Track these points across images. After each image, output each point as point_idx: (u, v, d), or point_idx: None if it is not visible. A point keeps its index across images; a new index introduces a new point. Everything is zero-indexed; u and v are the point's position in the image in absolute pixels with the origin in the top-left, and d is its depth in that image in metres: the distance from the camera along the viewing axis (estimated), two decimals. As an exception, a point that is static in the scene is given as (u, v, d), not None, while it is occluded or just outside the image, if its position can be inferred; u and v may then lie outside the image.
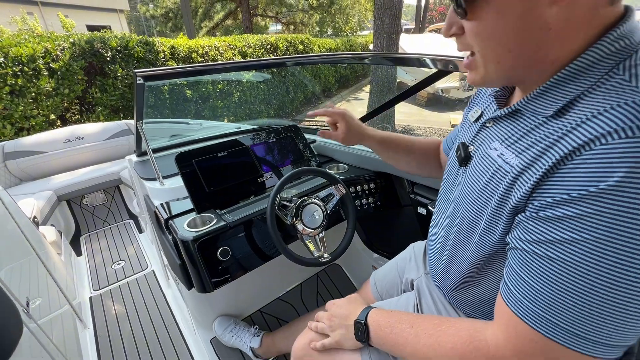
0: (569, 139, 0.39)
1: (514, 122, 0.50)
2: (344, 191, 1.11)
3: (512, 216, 0.45)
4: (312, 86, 8.49)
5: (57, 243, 1.78)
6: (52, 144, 2.57)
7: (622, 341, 0.38)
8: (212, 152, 1.21)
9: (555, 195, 0.38)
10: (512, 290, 0.44)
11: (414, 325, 0.57)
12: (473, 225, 0.54)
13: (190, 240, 0.95)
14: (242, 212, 1.09)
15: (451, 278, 0.64)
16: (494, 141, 0.52)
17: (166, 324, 1.61)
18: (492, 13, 0.42)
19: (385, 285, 0.95)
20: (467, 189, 0.55)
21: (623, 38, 0.39)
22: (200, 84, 4.81)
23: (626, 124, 0.34)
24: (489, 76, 0.47)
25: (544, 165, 0.40)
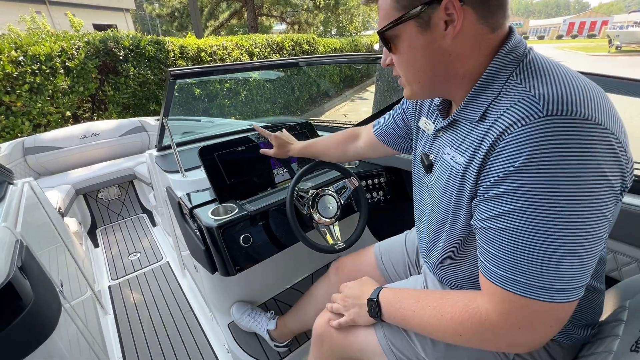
0: (490, 135, 0.49)
1: (455, 129, 0.61)
2: (357, 184, 1.18)
3: (470, 203, 0.56)
4: (325, 86, 8.56)
5: (79, 233, 1.86)
6: (69, 139, 2.66)
7: (578, 282, 0.46)
8: (232, 147, 1.28)
9: (491, 179, 0.48)
10: (485, 263, 0.52)
11: (419, 300, 0.64)
12: (444, 217, 0.64)
13: (215, 227, 1.03)
14: (261, 202, 1.17)
15: (436, 260, 0.73)
16: (446, 147, 0.62)
17: (183, 312, 1.69)
18: (405, 47, 0.54)
19: (391, 257, 1.01)
20: (435, 191, 0.66)
21: (511, 52, 0.50)
22: (208, 83, 4.89)
23: (521, 116, 0.45)
24: (415, 92, 0.60)
25: (479, 158, 0.51)
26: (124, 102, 3.80)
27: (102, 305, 1.69)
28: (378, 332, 0.76)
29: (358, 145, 1.04)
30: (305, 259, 1.64)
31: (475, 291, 0.58)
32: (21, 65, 2.85)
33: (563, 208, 0.43)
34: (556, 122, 0.42)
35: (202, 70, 1.02)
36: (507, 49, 0.50)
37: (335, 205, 1.14)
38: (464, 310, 0.55)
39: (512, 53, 0.50)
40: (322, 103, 8.50)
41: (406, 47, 0.54)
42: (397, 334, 0.74)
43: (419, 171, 0.75)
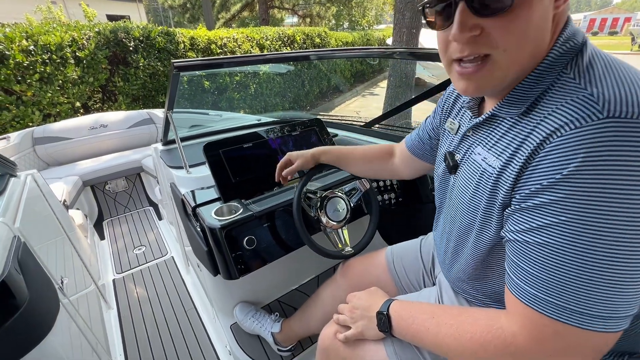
0: (535, 135, 0.43)
1: (491, 127, 0.53)
2: (368, 186, 1.12)
3: (502, 212, 0.49)
4: (336, 81, 8.45)
5: (84, 226, 1.85)
6: (78, 130, 2.66)
7: (624, 311, 0.39)
8: (238, 143, 1.23)
9: (531, 186, 0.42)
10: (515, 279, 0.46)
11: (434, 316, 0.58)
12: (470, 225, 0.57)
13: (217, 228, 0.98)
14: (266, 202, 1.12)
15: (457, 274, 0.67)
16: (477, 146, 0.56)
17: (186, 309, 1.66)
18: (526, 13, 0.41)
19: (404, 262, 0.95)
20: (461, 195, 0.59)
21: (569, 40, 0.44)
22: (218, 76, 4.86)
23: (575, 116, 0.39)
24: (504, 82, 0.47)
25: (519, 161, 0.44)
26: (134, 93, 3.79)
27: (105, 299, 1.67)
28: (388, 348, 0.70)
29: (394, 163, 0.95)
30: (311, 261, 1.58)
31: (499, 310, 0.52)
32: (32, 54, 2.84)
33: (618, 225, 0.36)
34: (618, 126, 0.36)
35: (206, 62, 0.96)
36: (565, 36, 0.44)
37: (344, 208, 1.08)
38: (486, 330, 0.49)
39: (569, 41, 0.44)
40: (333, 98, 8.40)
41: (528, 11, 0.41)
42: (409, 351, 0.69)
43: (442, 172, 0.69)
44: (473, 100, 0.60)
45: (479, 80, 0.47)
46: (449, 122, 0.68)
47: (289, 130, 1.37)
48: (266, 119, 2.06)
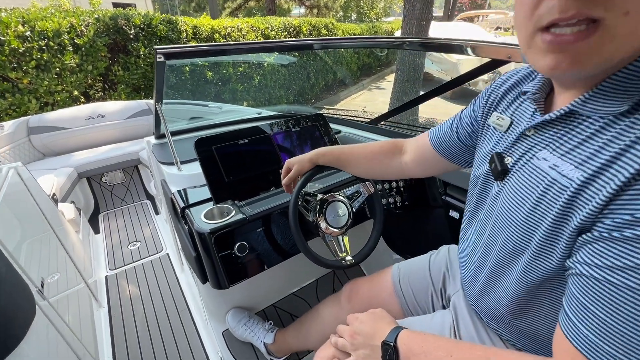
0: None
1: (566, 127, 0.42)
2: (372, 190, 1.02)
3: (575, 237, 0.39)
4: (342, 73, 8.28)
5: (76, 221, 1.78)
6: (75, 120, 2.58)
7: None
8: (232, 139, 1.14)
9: (635, 212, 0.32)
10: (576, 323, 0.37)
11: (452, 355, 0.49)
12: (521, 248, 0.47)
13: (206, 233, 0.89)
14: (261, 205, 1.03)
15: (490, 304, 0.57)
16: (541, 150, 0.44)
17: (179, 310, 1.59)
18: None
19: (411, 282, 0.86)
20: (511, 208, 0.48)
21: None
22: (221, 66, 4.74)
23: None
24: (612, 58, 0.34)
25: (615, 177, 0.34)
26: (134, 83, 3.70)
27: (96, 298, 1.61)
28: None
29: (403, 160, 0.82)
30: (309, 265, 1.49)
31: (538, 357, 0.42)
32: (28, 40, 2.76)
33: None
34: None
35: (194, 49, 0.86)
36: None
37: (345, 214, 0.98)
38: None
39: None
40: (338, 91, 8.24)
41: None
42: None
43: (482, 176, 0.58)
44: (541, 90, 0.48)
45: (580, 54, 0.34)
46: (496, 117, 0.57)
47: (289, 126, 1.28)
48: (267, 112, 1.96)
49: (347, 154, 0.89)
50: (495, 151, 0.53)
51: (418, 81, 4.61)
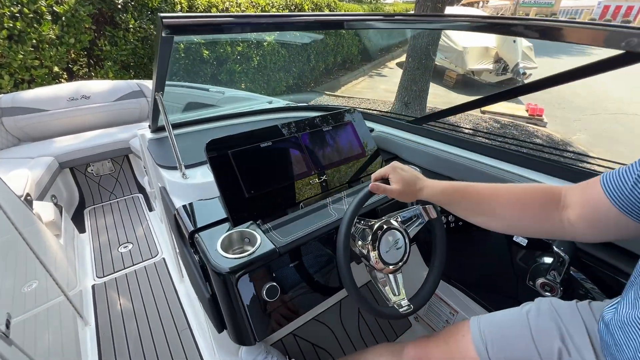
0: None
1: None
2: (435, 215, 0.81)
3: None
4: (342, 57, 7.89)
5: (56, 223, 1.53)
6: (55, 101, 2.26)
7: None
8: (253, 142, 0.90)
9: None
10: None
11: None
12: None
13: (226, 273, 0.67)
14: (293, 228, 0.81)
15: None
16: None
17: (178, 329, 1.38)
18: None
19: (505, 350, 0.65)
20: None
21: None
22: (218, 45, 4.38)
23: None
24: None
25: None
26: (123, 59, 3.33)
27: (80, 314, 1.38)
28: None
29: (566, 217, 0.55)
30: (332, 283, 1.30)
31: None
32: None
33: None
34: None
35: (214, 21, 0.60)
36: None
37: (402, 246, 0.78)
38: None
39: None
40: (339, 76, 7.90)
41: None
42: None
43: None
44: None
45: None
46: None
47: (319, 124, 1.04)
48: (279, 101, 1.71)
49: (481, 195, 0.63)
50: None
51: (429, 69, 4.35)
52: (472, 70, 7.46)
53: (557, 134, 5.15)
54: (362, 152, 1.08)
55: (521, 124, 5.49)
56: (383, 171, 0.73)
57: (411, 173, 0.71)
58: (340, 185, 0.99)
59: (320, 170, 0.97)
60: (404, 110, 4.45)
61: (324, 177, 0.97)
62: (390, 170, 0.71)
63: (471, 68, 7.40)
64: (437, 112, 1.07)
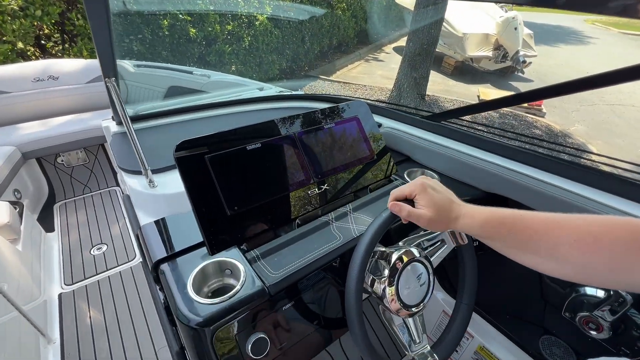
0: None
1: None
2: (465, 241, 0.65)
3: None
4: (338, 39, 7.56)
5: (12, 226, 1.33)
6: (17, 82, 2.00)
7: None
8: (237, 143, 0.71)
9: None
10: None
11: None
12: None
13: (197, 326, 0.50)
14: (287, 257, 0.64)
15: None
16: None
17: (156, 348, 1.23)
18: None
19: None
20: None
21: None
22: (206, 22, 4.06)
23: None
24: None
25: None
26: (99, 36, 3.03)
27: (42, 332, 1.21)
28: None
29: None
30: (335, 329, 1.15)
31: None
32: (-53, -31, 2.07)
33: None
34: None
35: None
36: None
37: (426, 282, 0.61)
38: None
39: None
40: (333, 59, 7.60)
41: None
42: None
43: None
44: None
45: None
46: None
47: (319, 119, 0.85)
48: (273, 87, 1.50)
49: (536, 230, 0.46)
50: None
51: (430, 55, 4.14)
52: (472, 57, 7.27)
53: (556, 125, 5.05)
54: (370, 154, 0.90)
55: (520, 114, 5.36)
56: (408, 190, 0.55)
57: (444, 195, 0.54)
58: (344, 196, 0.82)
59: (320, 179, 0.79)
60: (401, 98, 4.25)
61: (325, 186, 0.79)
62: (419, 190, 0.54)
63: (470, 55, 7.18)
64: (460, 108, 0.90)
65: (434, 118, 0.97)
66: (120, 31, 3.07)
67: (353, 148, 0.88)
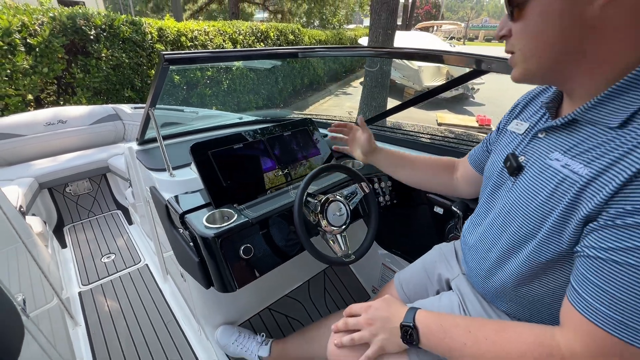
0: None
1: (573, 132, 0.50)
2: (368, 190, 1.09)
3: (582, 225, 0.45)
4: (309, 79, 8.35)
5: (43, 234, 1.65)
6: (32, 126, 2.38)
7: None
8: (227, 144, 1.15)
9: (633, 202, 0.39)
10: (584, 296, 0.44)
11: (471, 330, 0.55)
12: (531, 234, 0.54)
13: (211, 237, 0.90)
14: (262, 207, 1.05)
15: (496, 285, 0.64)
16: (553, 152, 0.52)
17: (165, 321, 1.54)
18: (536, 13, 0.46)
19: (412, 287, 0.93)
20: (524, 199, 0.55)
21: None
22: (189, 70, 4.61)
23: None
24: (528, 71, 0.51)
25: (618, 174, 0.41)
26: (95, 86, 3.47)
27: (71, 315, 1.50)
28: (411, 357, 0.66)
29: (455, 177, 0.90)
30: (300, 266, 1.53)
31: (546, 326, 0.50)
32: (-27, 39, 2.50)
33: None
34: None
35: (202, 55, 0.87)
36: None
37: (344, 213, 1.04)
38: (538, 347, 0.47)
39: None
40: (306, 96, 8.34)
41: (537, 13, 0.46)
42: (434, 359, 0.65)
43: (497, 175, 0.65)
44: (553, 100, 0.58)
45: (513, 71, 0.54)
46: (514, 124, 0.66)
47: (279, 130, 1.31)
48: (248, 117, 1.97)
49: (407, 158, 0.96)
50: (509, 152, 0.62)
51: (385, 87, 4.83)
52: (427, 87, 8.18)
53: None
54: (317, 151, 1.35)
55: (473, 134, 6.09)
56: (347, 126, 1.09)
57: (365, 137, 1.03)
58: (300, 176, 1.25)
59: (283, 165, 1.23)
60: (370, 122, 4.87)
61: (287, 170, 1.23)
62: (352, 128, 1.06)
63: (426, 85, 8.11)
64: (375, 116, 1.38)
65: (359, 126, 1.46)
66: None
67: (305, 147, 1.33)
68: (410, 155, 0.98)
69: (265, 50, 1.06)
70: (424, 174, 0.95)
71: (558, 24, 0.44)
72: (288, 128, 1.33)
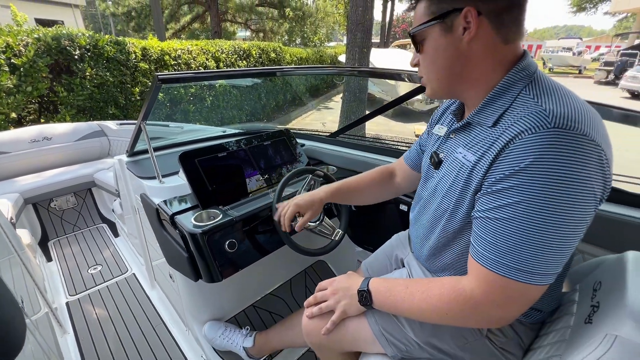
0: (502, 138, 0.56)
1: (469, 131, 0.68)
2: (323, 173, 1.23)
3: (474, 196, 0.63)
4: (291, 94, 8.58)
5: (32, 246, 1.70)
6: (16, 144, 2.42)
7: (553, 270, 0.54)
8: (212, 152, 1.28)
9: (497, 175, 0.55)
10: (477, 247, 0.59)
11: (408, 287, 0.70)
12: (445, 208, 0.71)
13: (199, 234, 1.02)
14: (244, 208, 1.18)
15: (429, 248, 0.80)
16: (459, 147, 0.70)
17: (153, 325, 1.61)
18: (430, 48, 0.65)
19: (375, 269, 1.07)
20: (442, 184, 0.73)
21: (524, 69, 0.60)
22: (172, 87, 4.72)
23: (532, 125, 0.53)
24: (434, 90, 0.70)
25: (489, 157, 0.58)
26: (79, 104, 3.53)
27: (60, 323, 1.55)
28: (369, 319, 0.81)
29: (396, 182, 1.04)
30: (282, 265, 1.65)
31: (460, 276, 0.65)
32: (-43, 60, 2.55)
33: (554, 208, 0.50)
34: (560, 135, 0.50)
35: (192, 75, 1.02)
36: (521, 66, 0.59)
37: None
38: (451, 290, 0.62)
39: (525, 70, 0.59)
40: (289, 111, 8.55)
41: (431, 48, 0.64)
42: (388, 319, 0.80)
43: (427, 168, 0.82)
44: (458, 109, 0.76)
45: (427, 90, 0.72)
46: (437, 128, 0.83)
47: (261, 140, 1.45)
48: (231, 130, 2.10)
49: (353, 188, 1.04)
50: (433, 150, 0.80)
51: (363, 101, 5.09)
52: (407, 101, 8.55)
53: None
54: (295, 159, 1.50)
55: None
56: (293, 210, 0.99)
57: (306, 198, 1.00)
58: (279, 182, 1.39)
59: (263, 171, 1.37)
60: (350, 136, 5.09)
61: (266, 175, 1.37)
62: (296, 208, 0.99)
63: (403, 99, 8.47)
64: (342, 127, 1.55)
65: (332, 136, 1.62)
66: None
67: (283, 155, 1.48)
68: (352, 183, 1.04)
69: (252, 70, 1.21)
70: (370, 194, 1.05)
71: (444, 56, 0.63)
72: (267, 138, 1.48)
